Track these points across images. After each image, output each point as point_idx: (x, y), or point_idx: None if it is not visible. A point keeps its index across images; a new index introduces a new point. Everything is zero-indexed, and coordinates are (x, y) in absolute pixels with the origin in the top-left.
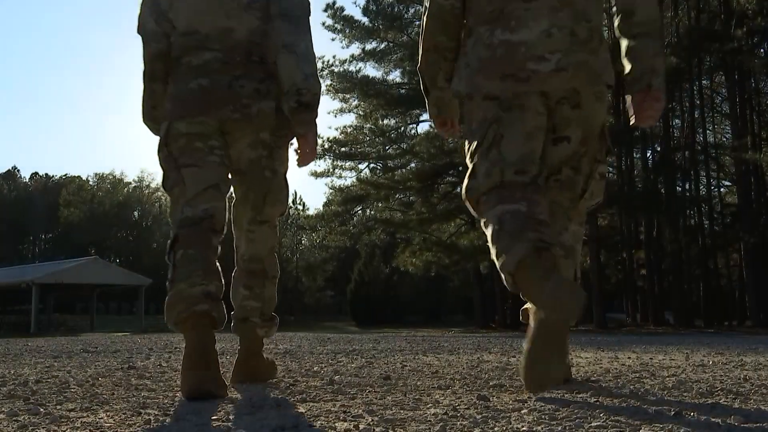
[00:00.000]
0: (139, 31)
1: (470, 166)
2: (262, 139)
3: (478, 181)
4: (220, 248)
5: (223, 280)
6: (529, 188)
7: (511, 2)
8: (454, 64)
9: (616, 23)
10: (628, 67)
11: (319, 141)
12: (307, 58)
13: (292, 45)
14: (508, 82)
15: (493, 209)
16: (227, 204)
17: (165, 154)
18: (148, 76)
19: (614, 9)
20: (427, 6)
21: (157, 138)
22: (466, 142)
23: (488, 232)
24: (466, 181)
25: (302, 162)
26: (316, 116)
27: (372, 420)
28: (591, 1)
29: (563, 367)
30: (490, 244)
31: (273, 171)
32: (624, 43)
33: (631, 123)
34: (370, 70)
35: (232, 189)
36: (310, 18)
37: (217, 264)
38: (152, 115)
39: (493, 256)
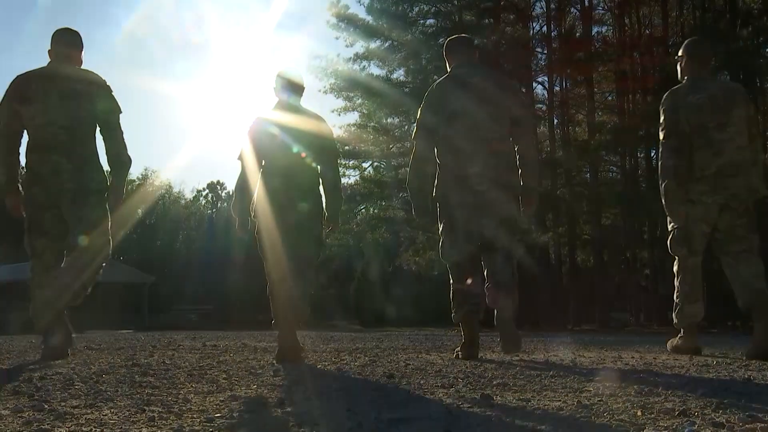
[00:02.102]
0: (239, 158)
1: (441, 238)
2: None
3: (446, 249)
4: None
5: None
6: (472, 269)
7: (460, 158)
8: (431, 179)
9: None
10: (523, 181)
11: None
12: (340, 190)
13: (335, 185)
14: (464, 193)
15: (452, 284)
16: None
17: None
18: (244, 183)
19: (516, 150)
20: (413, 150)
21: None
22: (439, 223)
23: (451, 292)
24: (440, 249)
25: (332, 232)
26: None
27: (375, 418)
28: (507, 149)
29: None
30: (451, 299)
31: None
32: (520, 168)
33: (522, 212)
34: (374, 69)
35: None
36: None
37: None
38: (242, 203)
39: (454, 305)
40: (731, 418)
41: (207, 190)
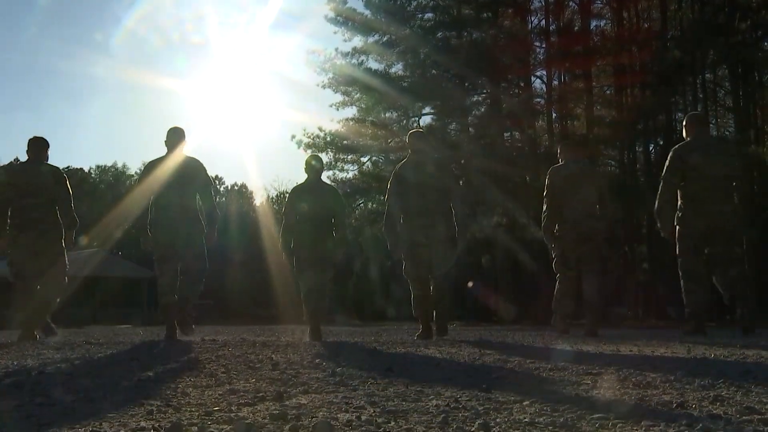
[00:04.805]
0: (284, 212)
1: (404, 263)
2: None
3: (408, 271)
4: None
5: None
6: (424, 282)
7: (412, 218)
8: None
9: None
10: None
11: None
12: (346, 236)
13: (343, 230)
14: (416, 238)
15: (412, 290)
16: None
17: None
18: (287, 231)
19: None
20: (387, 216)
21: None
22: (403, 257)
23: (412, 297)
24: (404, 272)
25: (341, 251)
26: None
27: (374, 411)
28: (445, 209)
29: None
30: (413, 301)
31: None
32: (457, 223)
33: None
34: (372, 63)
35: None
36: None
37: None
38: (286, 244)
39: (413, 305)
40: (728, 410)
41: None
